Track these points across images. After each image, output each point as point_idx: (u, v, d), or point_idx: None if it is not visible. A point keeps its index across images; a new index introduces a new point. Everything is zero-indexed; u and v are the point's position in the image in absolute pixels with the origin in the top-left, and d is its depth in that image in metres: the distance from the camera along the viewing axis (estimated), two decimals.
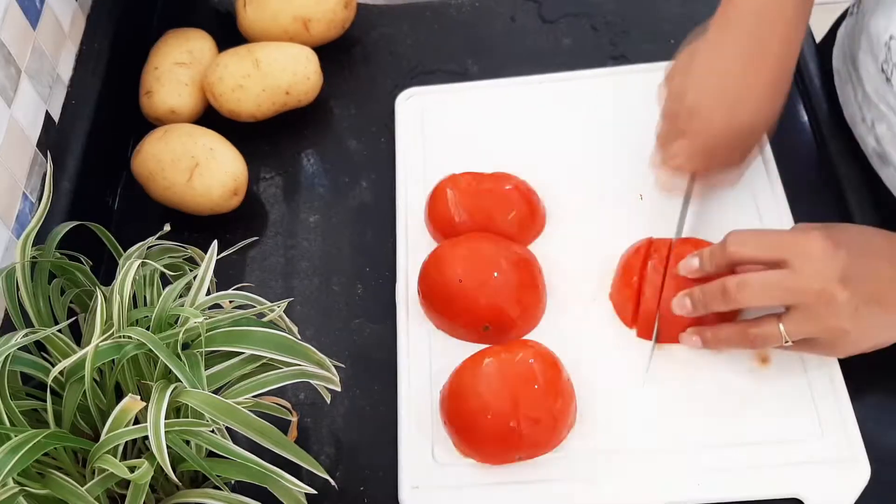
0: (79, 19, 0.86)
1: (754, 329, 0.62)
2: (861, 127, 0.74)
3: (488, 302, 0.69)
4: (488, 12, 0.93)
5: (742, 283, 0.61)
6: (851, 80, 0.75)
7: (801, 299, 0.60)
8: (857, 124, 0.75)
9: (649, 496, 0.63)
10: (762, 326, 0.62)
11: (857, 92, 0.74)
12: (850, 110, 0.76)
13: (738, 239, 0.63)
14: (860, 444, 0.63)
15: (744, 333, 0.63)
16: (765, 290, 0.61)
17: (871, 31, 0.70)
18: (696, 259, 0.66)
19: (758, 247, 0.62)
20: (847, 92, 0.76)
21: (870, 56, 0.71)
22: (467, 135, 0.82)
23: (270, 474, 0.51)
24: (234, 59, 0.83)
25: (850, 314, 0.59)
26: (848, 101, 0.76)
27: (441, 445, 0.66)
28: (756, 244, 0.62)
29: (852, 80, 0.75)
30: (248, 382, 0.55)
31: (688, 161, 0.70)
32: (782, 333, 0.61)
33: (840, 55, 0.79)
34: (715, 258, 0.64)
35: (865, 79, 0.72)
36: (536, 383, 0.64)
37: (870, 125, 0.72)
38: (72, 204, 0.75)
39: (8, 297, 0.60)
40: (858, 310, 0.59)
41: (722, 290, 0.62)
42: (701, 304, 0.65)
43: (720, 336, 0.65)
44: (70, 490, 0.50)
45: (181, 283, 0.58)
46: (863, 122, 0.73)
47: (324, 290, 0.77)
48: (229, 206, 0.79)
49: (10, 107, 0.71)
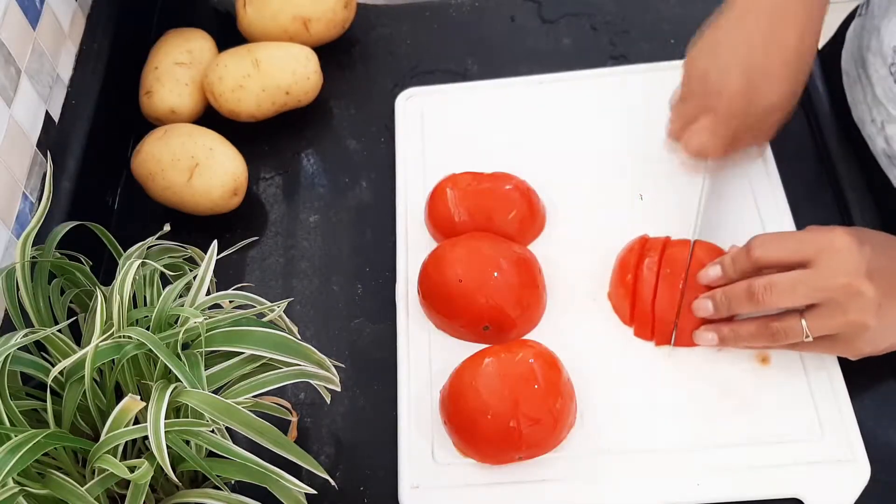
0: (79, 19, 0.86)
1: (776, 324, 0.62)
2: (870, 128, 0.74)
3: (488, 302, 0.69)
4: (488, 12, 0.93)
5: (769, 285, 0.61)
6: (860, 82, 0.75)
7: (826, 295, 0.60)
8: (866, 125, 0.75)
9: (649, 496, 0.63)
10: (784, 321, 0.62)
11: (866, 93, 0.74)
12: (858, 111, 0.76)
13: (761, 243, 0.63)
14: (860, 444, 0.63)
15: (765, 328, 0.63)
16: (792, 289, 0.61)
17: (881, 33, 0.70)
18: (717, 267, 0.66)
19: (782, 249, 0.62)
20: (856, 93, 0.76)
21: (879, 58, 0.71)
22: (467, 135, 0.82)
23: (270, 474, 0.51)
24: (233, 59, 0.83)
25: (874, 309, 0.59)
26: (857, 103, 0.76)
27: (441, 445, 0.66)
28: (780, 246, 0.63)
29: (861, 82, 0.75)
30: (247, 382, 0.55)
31: (711, 139, 0.70)
32: (804, 329, 0.61)
33: (849, 56, 0.79)
34: (738, 264, 0.64)
35: (875, 80, 0.72)
36: (536, 383, 0.64)
37: (879, 126, 0.72)
38: (72, 204, 0.75)
39: (8, 297, 0.60)
40: (882, 306, 0.59)
41: (748, 292, 0.62)
42: (724, 306, 0.65)
43: (740, 332, 0.65)
44: (70, 490, 0.50)
45: (181, 283, 0.58)
46: (872, 123, 0.73)
47: (323, 290, 0.77)
48: (229, 206, 0.79)
49: (10, 107, 0.71)
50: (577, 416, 0.66)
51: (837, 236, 0.60)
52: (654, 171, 0.78)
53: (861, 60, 0.74)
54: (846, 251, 0.60)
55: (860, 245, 0.60)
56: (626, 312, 0.70)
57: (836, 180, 0.76)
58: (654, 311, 0.68)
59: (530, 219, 0.75)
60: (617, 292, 0.70)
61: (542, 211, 0.76)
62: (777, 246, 0.63)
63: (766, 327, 0.63)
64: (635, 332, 0.69)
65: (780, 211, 0.74)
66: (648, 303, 0.68)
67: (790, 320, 0.62)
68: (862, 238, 0.60)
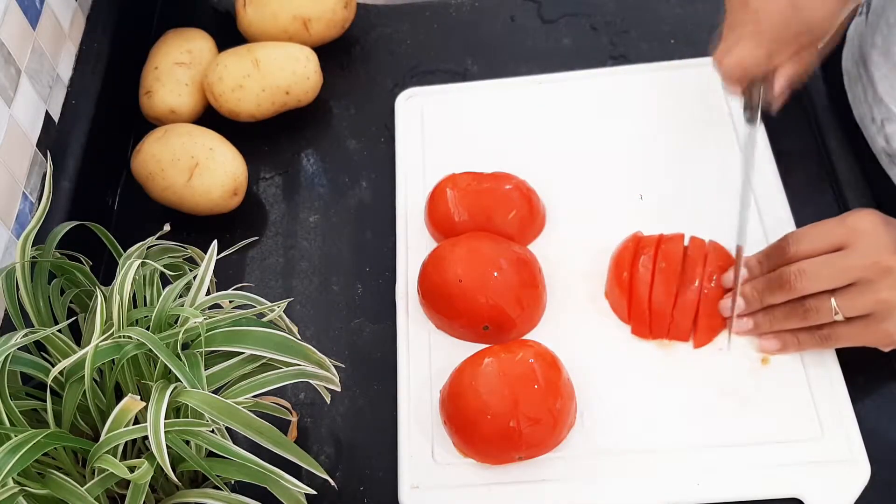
0: (79, 19, 0.86)
1: (810, 301, 0.63)
2: (871, 127, 0.74)
3: (488, 302, 0.69)
4: (488, 12, 0.93)
5: (800, 271, 0.63)
6: (862, 81, 0.75)
7: (856, 275, 0.61)
8: (867, 125, 0.75)
9: (649, 496, 0.63)
10: (816, 300, 0.63)
11: (867, 92, 0.74)
12: (859, 110, 0.76)
13: (796, 240, 0.65)
14: (860, 444, 0.63)
15: (798, 307, 0.64)
16: (824, 272, 0.62)
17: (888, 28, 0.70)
18: (744, 269, 0.67)
19: (814, 238, 0.64)
20: (857, 92, 0.76)
21: (883, 56, 0.71)
22: (467, 135, 0.82)
23: (270, 474, 0.51)
24: (233, 58, 0.83)
25: None
26: (858, 101, 0.76)
27: (441, 445, 0.66)
28: (812, 237, 0.64)
29: (863, 81, 0.75)
30: (247, 382, 0.55)
31: (752, 52, 0.68)
32: (833, 307, 0.62)
33: (850, 56, 0.79)
34: (772, 260, 0.66)
35: (877, 78, 0.72)
36: (536, 383, 0.64)
37: (880, 125, 0.72)
38: (72, 204, 0.75)
39: (8, 297, 0.60)
40: None
41: (780, 281, 0.64)
42: (756, 300, 0.66)
43: (775, 315, 0.66)
44: (70, 490, 0.50)
45: (181, 283, 0.58)
46: (873, 122, 0.74)
47: (324, 290, 0.77)
48: (229, 206, 0.79)
49: (9, 107, 0.71)
50: (577, 416, 0.66)
51: (863, 218, 0.62)
52: (655, 170, 0.78)
53: (863, 60, 0.74)
54: (872, 231, 0.61)
55: (885, 224, 0.61)
56: (624, 311, 0.70)
57: (835, 179, 0.76)
58: (650, 307, 0.68)
59: (530, 219, 0.75)
60: (613, 291, 0.70)
61: (542, 211, 0.76)
62: (810, 238, 0.64)
63: (799, 305, 0.64)
64: (633, 331, 0.69)
65: (779, 210, 0.74)
66: (645, 300, 0.68)
67: (821, 299, 0.63)
68: (887, 219, 0.62)
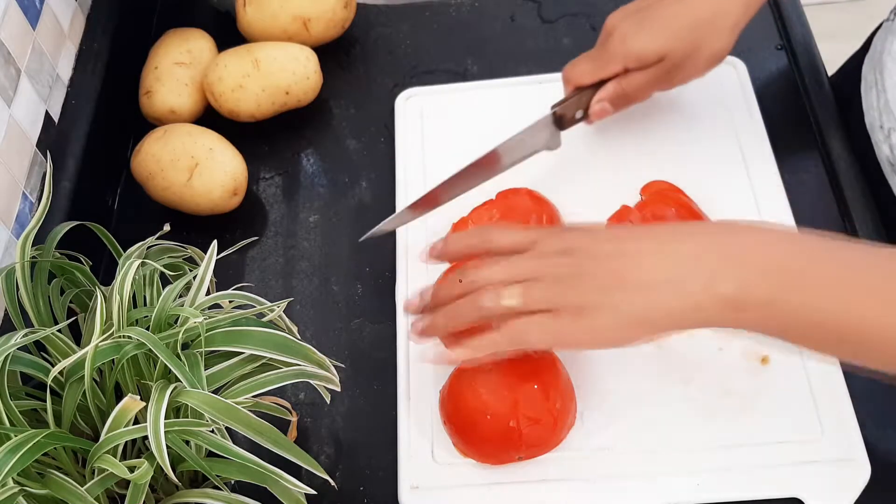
0: (79, 19, 0.86)
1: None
2: (878, 134, 0.74)
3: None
4: (488, 12, 0.93)
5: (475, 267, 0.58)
6: (876, 87, 0.75)
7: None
8: (875, 131, 0.75)
9: (649, 496, 0.63)
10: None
11: (879, 99, 0.74)
12: (870, 117, 0.76)
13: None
14: (860, 444, 0.63)
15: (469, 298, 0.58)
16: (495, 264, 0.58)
17: None
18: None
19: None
20: (871, 98, 0.76)
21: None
22: (467, 135, 0.82)
23: (270, 474, 0.51)
24: (233, 58, 0.83)
25: None
26: (870, 107, 0.76)
27: (441, 445, 0.66)
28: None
29: (877, 87, 0.75)
30: (247, 382, 0.55)
31: (585, 62, 0.71)
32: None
33: (870, 61, 0.79)
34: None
35: (889, 86, 0.72)
36: (536, 383, 0.64)
37: (886, 133, 0.72)
38: (71, 204, 0.75)
39: (8, 297, 0.60)
40: None
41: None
42: None
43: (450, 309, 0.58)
44: (70, 490, 0.50)
45: (181, 283, 0.58)
46: (880, 129, 0.74)
47: (323, 290, 0.77)
48: (229, 206, 0.79)
49: (9, 107, 0.71)
50: (577, 416, 0.66)
51: None
52: (655, 170, 0.78)
53: (880, 66, 0.74)
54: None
55: None
56: None
57: (836, 180, 0.76)
58: None
59: None
60: None
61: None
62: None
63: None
64: None
65: (779, 210, 0.74)
66: None
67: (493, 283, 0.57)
68: None
